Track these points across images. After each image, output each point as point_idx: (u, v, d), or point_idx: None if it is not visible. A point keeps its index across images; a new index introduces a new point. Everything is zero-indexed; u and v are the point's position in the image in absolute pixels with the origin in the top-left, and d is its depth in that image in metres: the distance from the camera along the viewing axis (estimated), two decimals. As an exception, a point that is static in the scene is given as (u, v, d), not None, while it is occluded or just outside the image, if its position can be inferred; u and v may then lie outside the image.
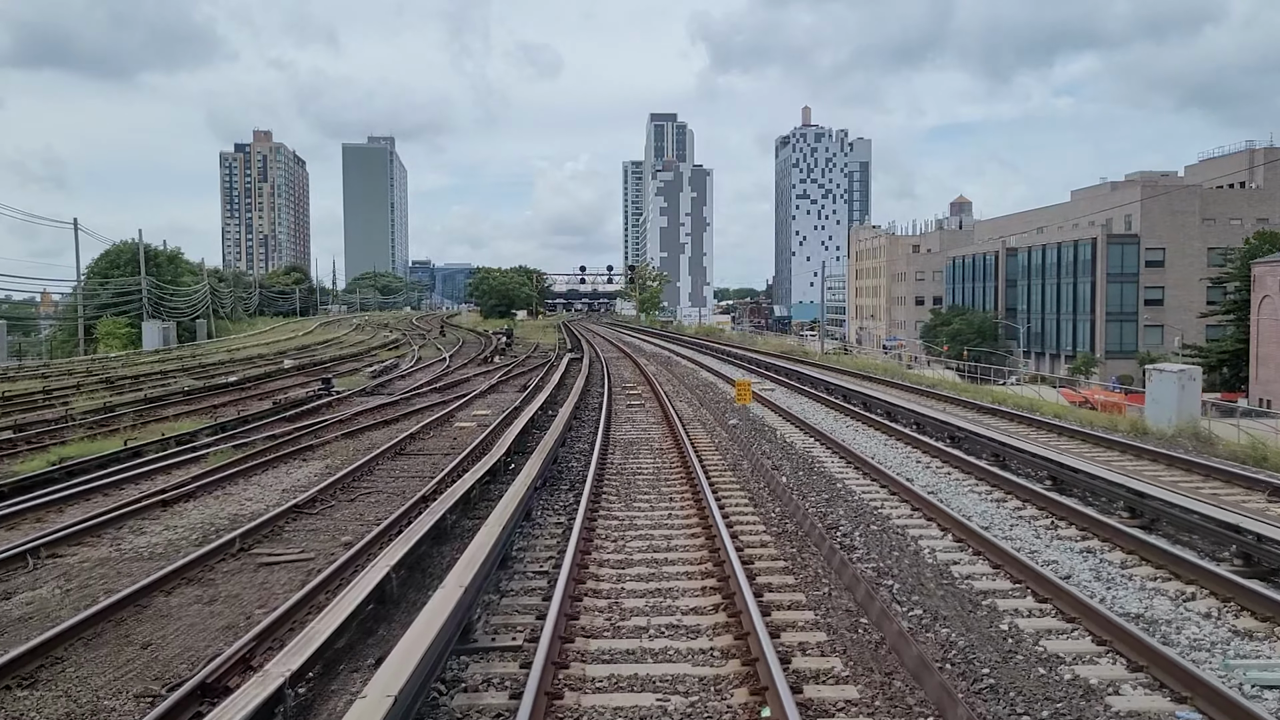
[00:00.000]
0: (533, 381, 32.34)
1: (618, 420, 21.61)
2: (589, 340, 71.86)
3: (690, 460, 15.34)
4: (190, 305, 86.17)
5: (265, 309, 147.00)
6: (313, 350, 53.48)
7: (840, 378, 33.04)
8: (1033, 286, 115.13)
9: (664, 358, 48.51)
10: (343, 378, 35.21)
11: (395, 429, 20.74)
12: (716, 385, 31.15)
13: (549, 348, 62.90)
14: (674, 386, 30.61)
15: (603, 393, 27.09)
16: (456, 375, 36.38)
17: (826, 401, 25.33)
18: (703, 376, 35.13)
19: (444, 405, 25.62)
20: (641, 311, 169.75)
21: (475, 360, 44.55)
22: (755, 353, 53.32)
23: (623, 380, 33.50)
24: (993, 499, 13.51)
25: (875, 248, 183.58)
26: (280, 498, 13.48)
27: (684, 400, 26.26)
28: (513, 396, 27.83)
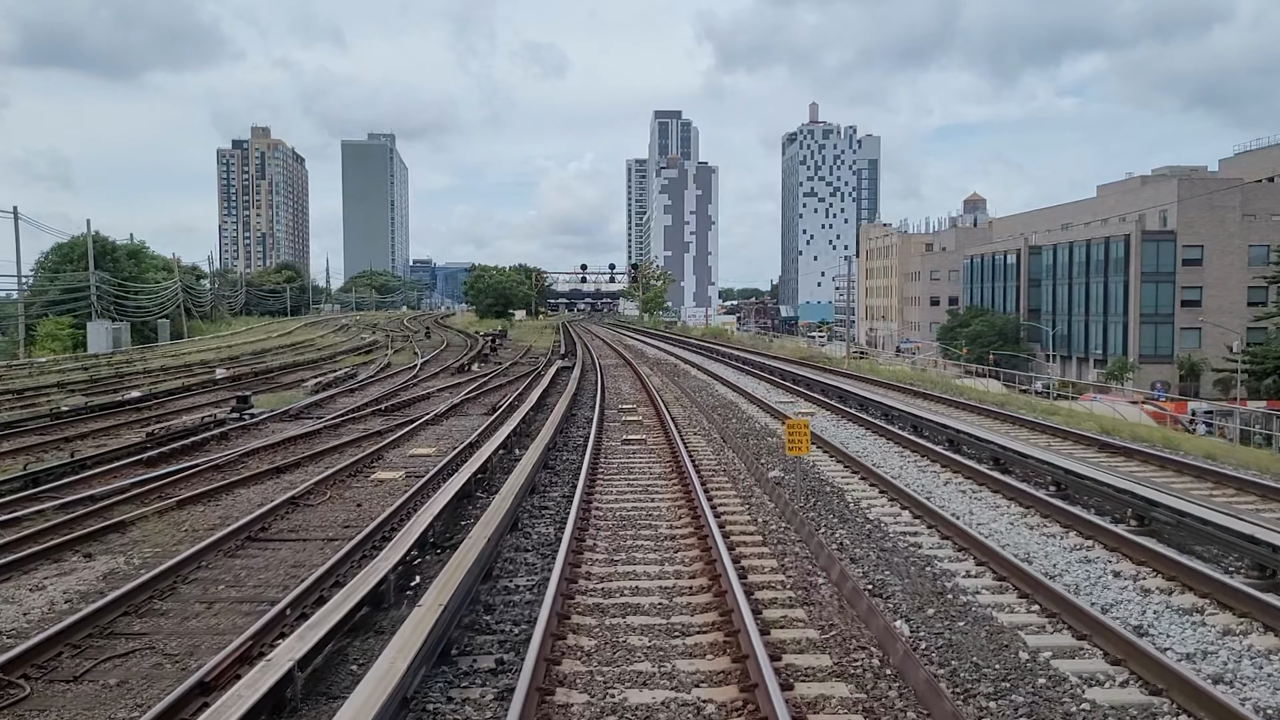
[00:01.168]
0: (507, 399, 25.95)
1: (606, 472, 15.07)
2: (586, 343, 65.44)
3: (728, 583, 8.52)
4: (159, 304, 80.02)
5: (252, 308, 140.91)
6: (271, 355, 47.14)
7: (886, 394, 26.63)
8: (1059, 286, 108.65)
9: (670, 365, 42.08)
10: (279, 392, 28.87)
11: (284, 481, 14.35)
12: (740, 408, 24.61)
13: (541, 352, 56.53)
14: (685, 409, 24.10)
15: (592, 418, 20.71)
16: (420, 389, 30.00)
17: (891, 435, 18.82)
18: (719, 393, 28.63)
19: (380, 436, 19.23)
20: (645, 312, 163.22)
21: (450, 368, 38.17)
22: (770, 358, 46.86)
23: (620, 399, 27.01)
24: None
25: (886, 246, 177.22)
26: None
27: (699, 432, 19.75)
28: (475, 423, 21.43)
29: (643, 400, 26.15)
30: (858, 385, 30.63)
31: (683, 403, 25.70)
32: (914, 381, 35.48)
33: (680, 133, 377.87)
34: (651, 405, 24.26)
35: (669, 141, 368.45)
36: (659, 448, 17.39)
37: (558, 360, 42.73)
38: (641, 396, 27.21)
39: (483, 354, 44.25)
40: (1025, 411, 24.51)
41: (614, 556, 10.03)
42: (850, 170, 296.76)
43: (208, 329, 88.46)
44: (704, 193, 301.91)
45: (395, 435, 19.05)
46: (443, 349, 55.33)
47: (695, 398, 26.27)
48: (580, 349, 54.93)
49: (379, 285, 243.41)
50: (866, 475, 14.37)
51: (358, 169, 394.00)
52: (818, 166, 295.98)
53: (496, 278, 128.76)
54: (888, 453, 16.88)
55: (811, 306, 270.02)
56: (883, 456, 16.35)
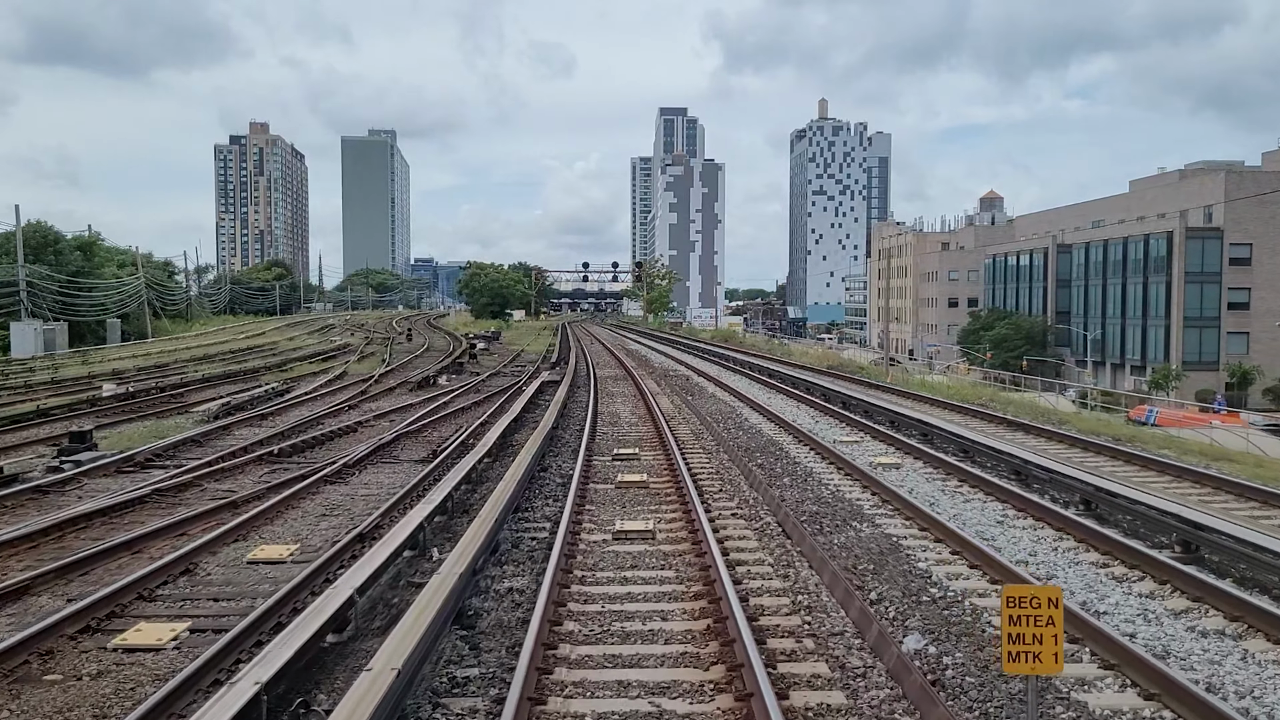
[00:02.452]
0: (461, 433, 18.92)
1: (577, 627, 7.96)
2: (584, 348, 58.37)
3: None
4: (119, 302, 73.18)
5: (238, 307, 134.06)
6: (204, 363, 40.12)
7: (968, 424, 19.71)
8: (1091, 287, 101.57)
9: (679, 378, 34.97)
10: (169, 418, 21.87)
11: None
12: (788, 453, 16.94)
13: (532, 358, 49.53)
14: (710, 457, 16.72)
15: (571, 475, 13.67)
16: (356, 414, 22.99)
17: (1072, 527, 11.60)
18: (752, 424, 21.37)
19: (234, 510, 12.17)
20: (649, 313, 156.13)
21: (412, 382, 31.14)
22: (794, 366, 39.79)
23: (616, 432, 19.91)
24: None
25: (900, 246, 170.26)
26: None
27: (742, 508, 12.47)
28: (398, 479, 14.39)
29: (648, 437, 19.04)
30: (920, 408, 23.60)
31: (704, 441, 18.56)
32: (981, 401, 28.43)
33: (686, 130, 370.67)
34: (660, 447, 17.17)
35: (674, 139, 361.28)
36: (679, 553, 10.20)
37: (545, 371, 35.69)
38: (646, 430, 20.12)
39: (458, 363, 37.19)
40: (1170, 450, 17.47)
41: None
42: (860, 168, 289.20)
43: (176, 329, 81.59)
44: (710, 190, 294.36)
45: (260, 506, 12.01)
46: (417, 354, 48.34)
47: (718, 429, 19.23)
48: (575, 355, 47.90)
49: (376, 284, 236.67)
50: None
51: (358, 166, 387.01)
52: (827, 164, 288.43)
53: (493, 276, 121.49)
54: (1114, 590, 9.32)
55: (820, 308, 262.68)
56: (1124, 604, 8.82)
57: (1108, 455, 16.92)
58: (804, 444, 17.80)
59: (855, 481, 13.87)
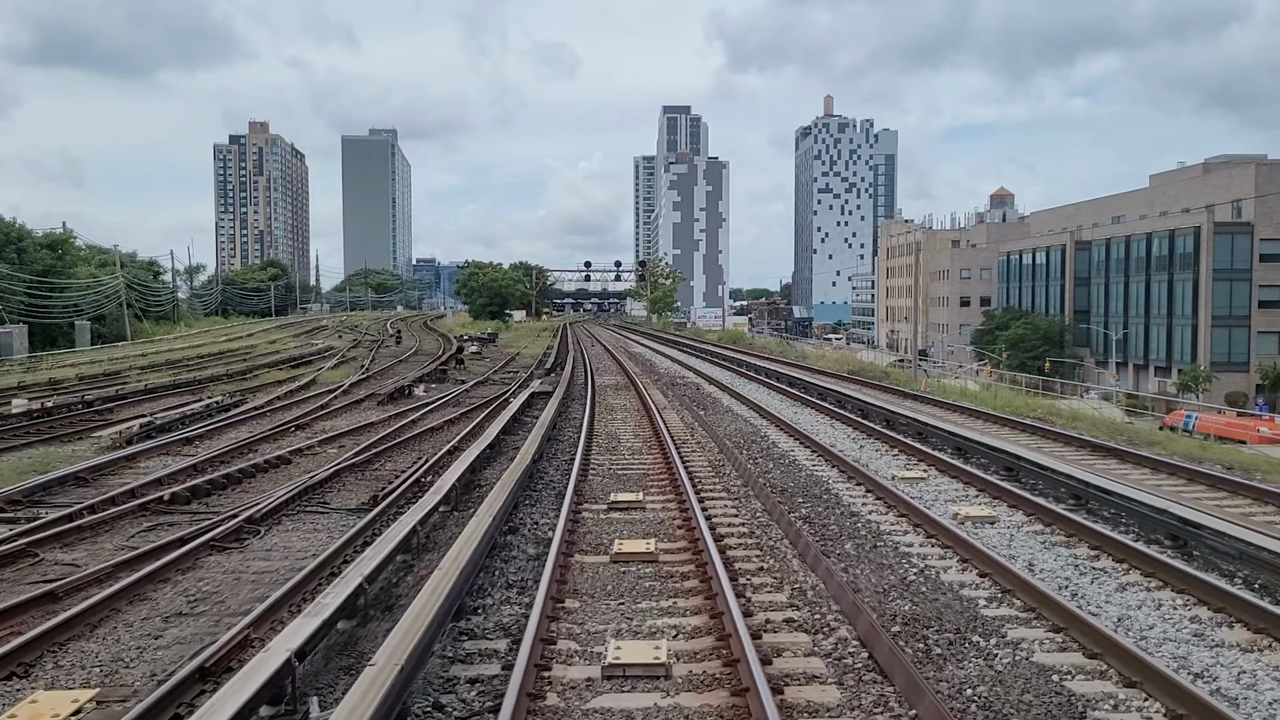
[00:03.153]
0: (420, 467, 15.03)
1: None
2: (584, 350, 54.49)
3: None
4: (95, 303, 69.44)
5: (230, 308, 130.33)
6: (163, 369, 36.19)
7: (1039, 446, 15.83)
8: (1112, 285, 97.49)
9: (689, 388, 31.05)
10: (71, 443, 17.99)
11: None
12: (865, 518, 12.89)
13: (527, 362, 45.68)
14: (742, 506, 12.67)
15: (549, 544, 9.81)
16: (299, 438, 19.09)
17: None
18: (781, 451, 17.45)
19: (13, 620, 8.30)
20: (653, 313, 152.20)
21: (386, 393, 27.24)
22: (812, 371, 35.90)
23: (615, 468, 15.92)
24: None
25: (909, 243, 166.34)
26: None
27: (803, 616, 8.50)
28: (316, 543, 10.52)
29: (655, 471, 15.10)
30: (975, 426, 19.71)
31: (726, 477, 14.58)
32: (1039, 415, 24.51)
33: (690, 128, 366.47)
34: (671, 488, 13.25)
35: (678, 137, 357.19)
36: (710, 712, 6.20)
37: (539, 379, 31.79)
38: (652, 460, 16.17)
39: (441, 370, 33.27)
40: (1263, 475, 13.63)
41: None
42: (866, 165, 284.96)
43: (158, 331, 77.82)
44: (714, 189, 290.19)
45: (91, 599, 8.15)
46: (402, 359, 44.49)
47: (742, 459, 15.35)
48: (573, 360, 44.01)
49: (376, 284, 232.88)
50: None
51: (358, 165, 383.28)
52: (833, 162, 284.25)
53: (492, 275, 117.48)
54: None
55: (826, 307, 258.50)
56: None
57: (1250, 496, 13.02)
58: (855, 482, 13.87)
59: (944, 549, 9.95)
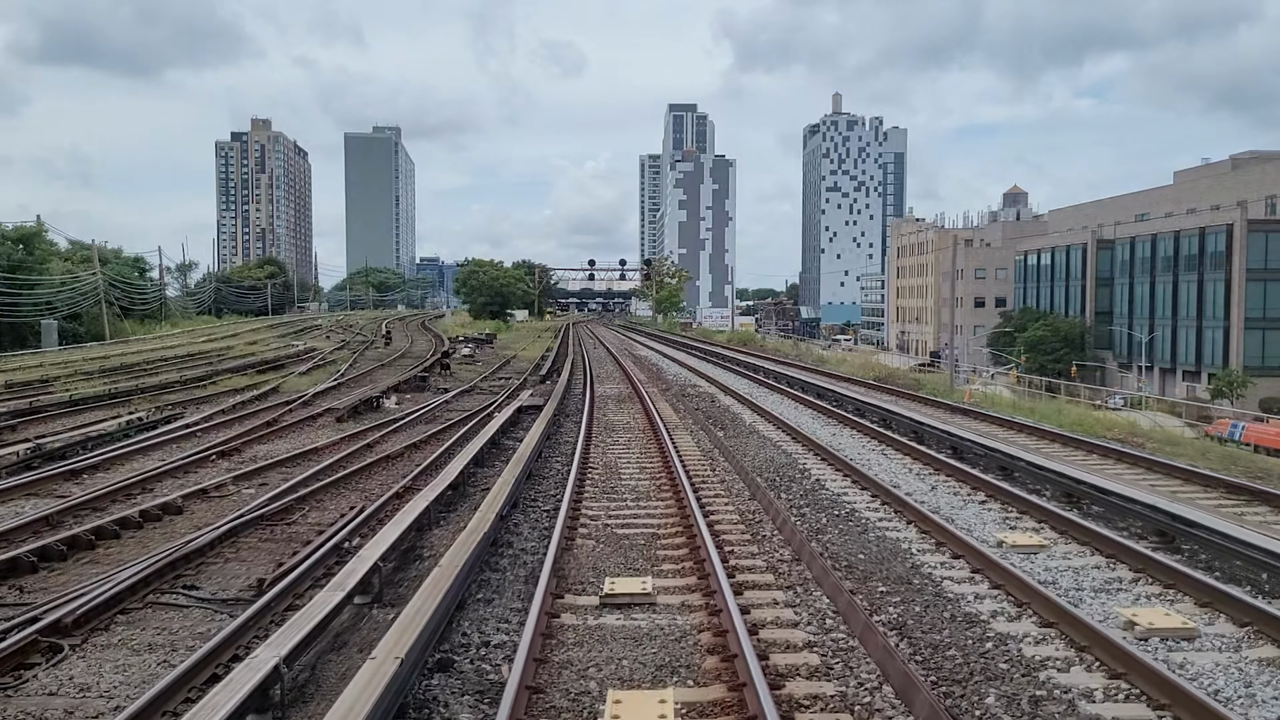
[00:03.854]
0: (348, 520, 11.31)
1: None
2: (586, 353, 50.74)
3: None
4: (71, 301, 65.97)
5: (225, 307, 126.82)
6: (116, 374, 32.49)
7: (1140, 479, 12.09)
8: (1137, 285, 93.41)
9: (704, 400, 27.24)
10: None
11: None
12: (987, 624, 7.81)
13: (523, 367, 41.98)
14: (817, 638, 8.05)
15: (501, 695, 6.09)
16: (210, 473, 15.36)
17: None
18: (864, 519, 13.41)
19: None
20: (658, 313, 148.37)
21: (350, 405, 23.51)
22: (839, 379, 32.12)
23: (617, 541, 12.02)
24: None
25: (921, 243, 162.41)
26: None
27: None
28: (87, 713, 6.82)
29: (669, 532, 11.25)
30: (1052, 452, 15.91)
31: (765, 540, 10.77)
32: (1119, 435, 20.75)
33: (696, 127, 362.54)
34: (694, 566, 9.45)
35: (684, 136, 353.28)
36: None
37: (530, 389, 28.03)
38: (664, 510, 12.35)
39: (420, 378, 29.51)
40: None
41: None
42: (876, 164, 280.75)
43: (142, 331, 74.30)
44: (721, 187, 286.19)
45: None
46: (385, 363, 40.79)
47: (781, 507, 11.60)
48: (572, 364, 40.29)
49: (377, 283, 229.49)
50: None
51: (361, 163, 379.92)
52: (841, 160, 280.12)
53: (492, 274, 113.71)
54: None
55: (835, 308, 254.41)
56: None
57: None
58: (948, 551, 10.03)
59: (1159, 709, 6.10)
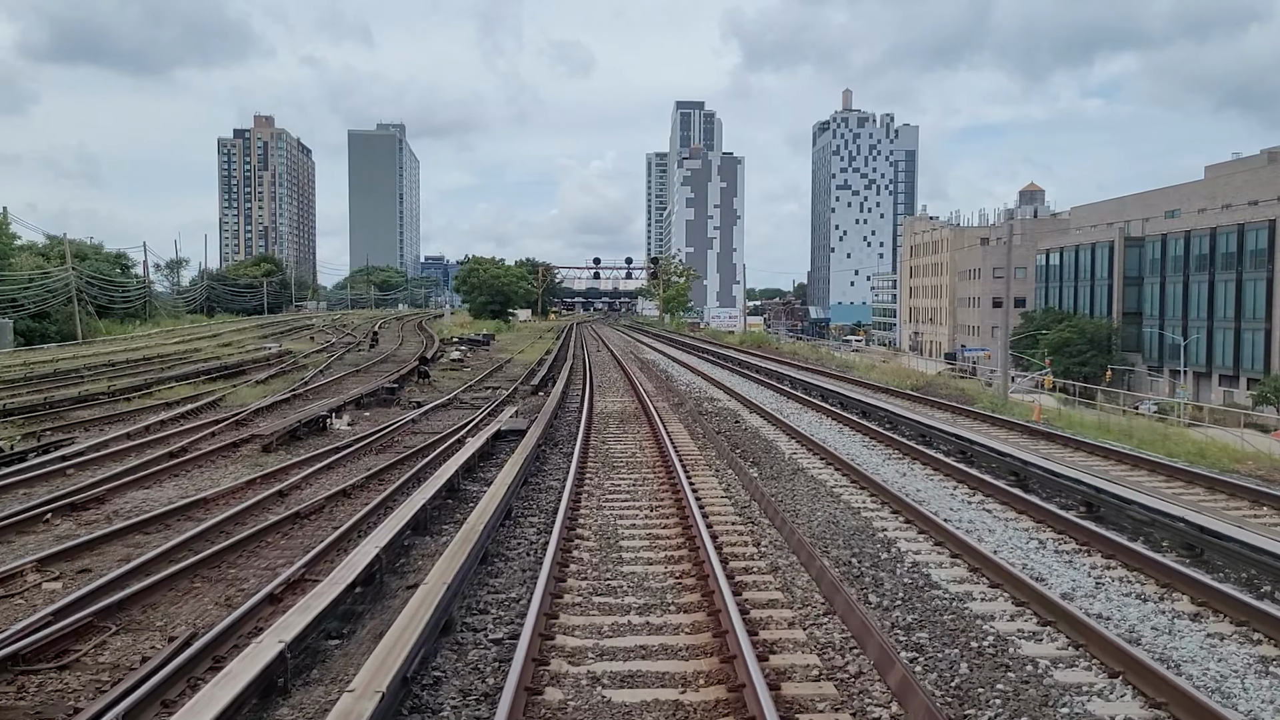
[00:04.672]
0: (175, 649, 6.94)
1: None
2: (588, 356, 46.29)
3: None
4: (39, 298, 61.85)
5: (218, 305, 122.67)
6: (41, 384, 28.16)
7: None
8: (1169, 285, 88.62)
9: (727, 418, 22.77)
10: None
11: None
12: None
13: (517, 372, 37.58)
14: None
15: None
16: (27, 542, 10.94)
17: None
18: (1010, 643, 9.10)
19: None
20: (666, 312, 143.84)
21: (282, 432, 19.12)
22: (874, 390, 27.68)
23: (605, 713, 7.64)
24: None
25: (935, 241, 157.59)
26: None
27: None
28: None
29: (711, 705, 6.85)
30: (1195, 498, 11.45)
31: (864, 693, 6.41)
32: (1260, 469, 16.27)
33: (703, 124, 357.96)
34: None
35: (691, 133, 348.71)
36: None
37: (518, 403, 23.58)
38: (693, 634, 7.94)
39: (389, 389, 25.08)
40: None
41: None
42: (887, 162, 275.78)
43: (121, 330, 70.10)
44: (729, 185, 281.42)
45: None
46: (362, 368, 36.43)
47: (879, 634, 7.24)
48: (571, 370, 35.85)
49: (379, 281, 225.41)
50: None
51: (365, 161, 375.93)
52: (851, 158, 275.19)
53: (493, 271, 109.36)
54: None
55: (844, 308, 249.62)
56: None
57: None
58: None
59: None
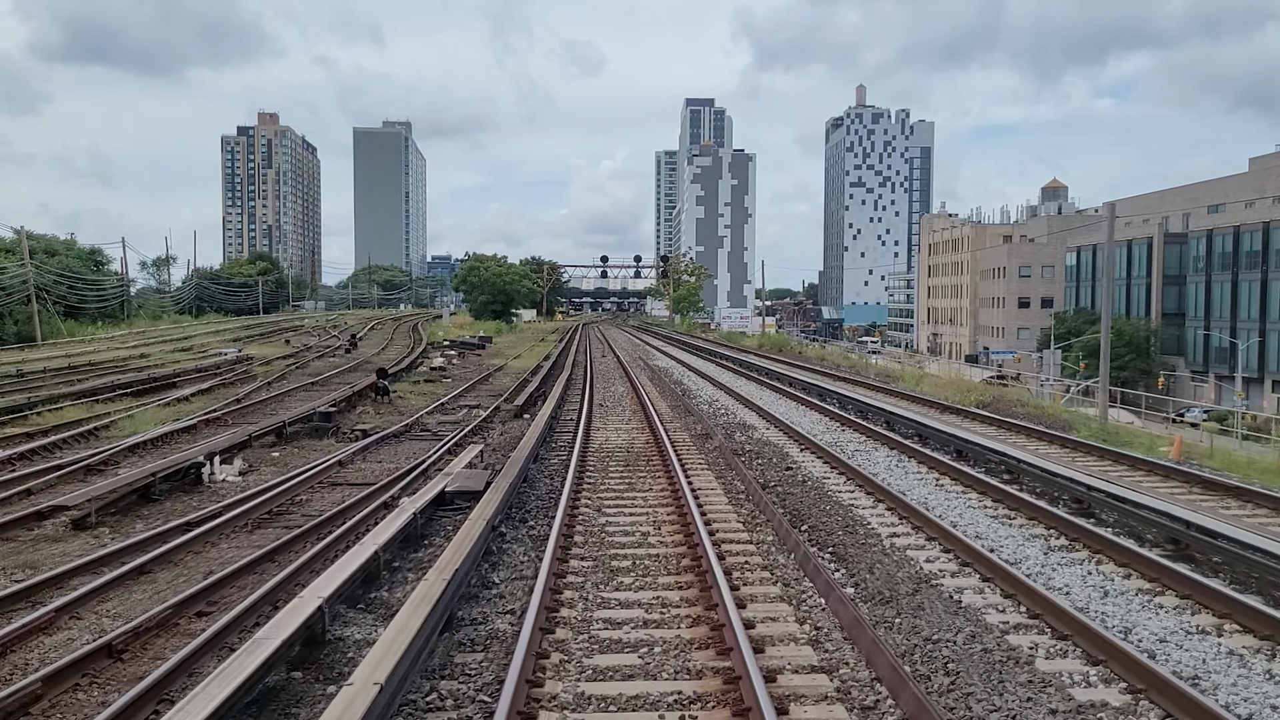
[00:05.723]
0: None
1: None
2: (591, 363, 40.39)
3: None
4: None
5: (211, 304, 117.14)
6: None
7: None
8: (1215, 284, 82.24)
9: (776, 463, 16.91)
10: None
11: None
12: None
13: (506, 385, 31.79)
14: None
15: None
16: None
17: None
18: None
19: None
20: (676, 313, 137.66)
21: (134, 487, 13.37)
22: (941, 410, 21.86)
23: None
24: None
25: (955, 239, 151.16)
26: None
27: None
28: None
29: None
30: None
31: None
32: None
33: (714, 122, 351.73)
34: None
35: (701, 131, 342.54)
36: None
37: (495, 428, 17.78)
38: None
39: (325, 416, 19.28)
40: None
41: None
42: (902, 158, 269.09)
43: (83, 331, 64.58)
44: (740, 182, 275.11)
45: None
46: (325, 379, 30.69)
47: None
48: (566, 383, 29.97)
49: (383, 281, 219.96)
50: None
51: (370, 158, 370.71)
52: (866, 154, 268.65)
53: (494, 270, 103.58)
54: None
55: (858, 308, 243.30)
56: None
57: None
58: None
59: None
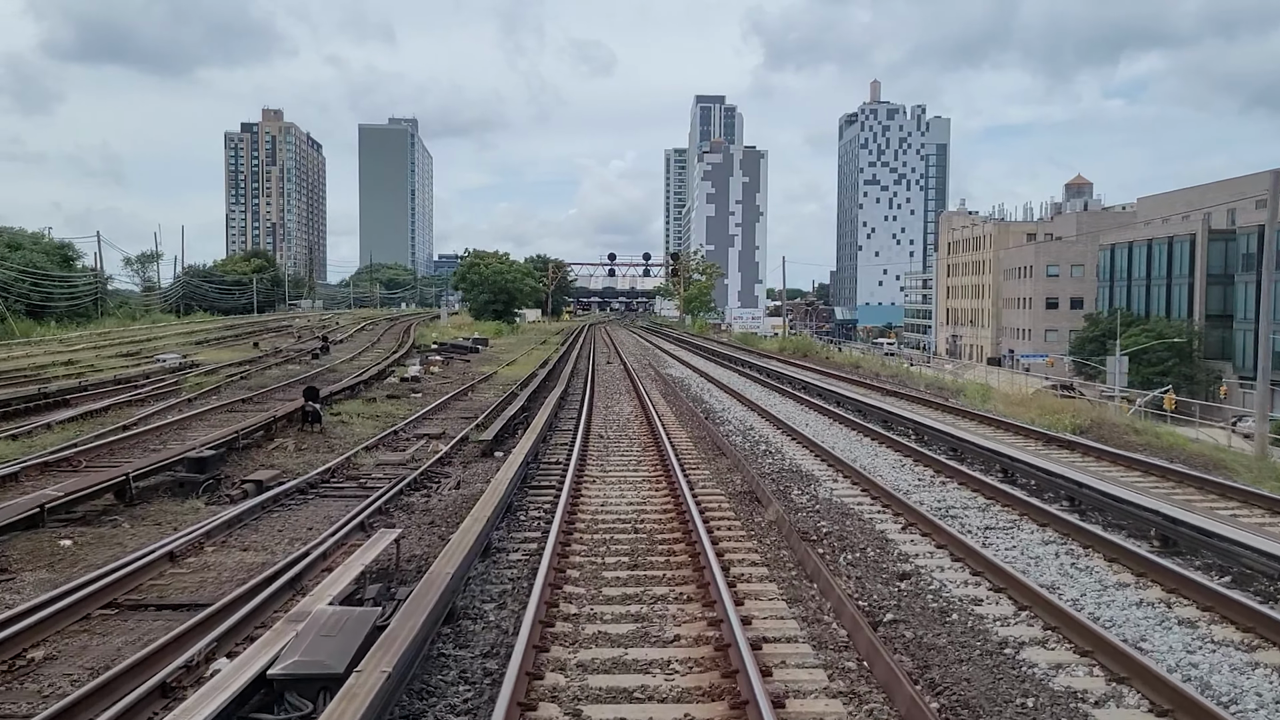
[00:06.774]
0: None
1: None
2: (594, 370, 34.70)
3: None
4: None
5: (201, 303, 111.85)
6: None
7: None
8: (1267, 283, 75.10)
9: (867, 554, 11.25)
10: None
11: None
12: None
13: (484, 403, 26.16)
14: None
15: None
16: None
17: None
18: None
19: None
20: (686, 313, 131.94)
21: None
22: (1045, 442, 16.26)
23: None
24: None
25: (976, 238, 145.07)
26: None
27: None
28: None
29: None
30: None
31: None
32: None
33: (724, 119, 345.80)
34: None
35: (711, 128, 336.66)
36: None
37: (452, 474, 12.18)
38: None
39: (190, 464, 13.70)
40: None
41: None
42: (918, 155, 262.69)
43: (42, 331, 59.25)
44: (751, 180, 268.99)
45: None
46: (263, 392, 25.13)
47: None
48: (559, 400, 24.31)
49: (386, 279, 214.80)
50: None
51: (376, 156, 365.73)
52: (880, 151, 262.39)
53: (496, 267, 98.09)
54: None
55: (873, 309, 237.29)
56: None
57: None
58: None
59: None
